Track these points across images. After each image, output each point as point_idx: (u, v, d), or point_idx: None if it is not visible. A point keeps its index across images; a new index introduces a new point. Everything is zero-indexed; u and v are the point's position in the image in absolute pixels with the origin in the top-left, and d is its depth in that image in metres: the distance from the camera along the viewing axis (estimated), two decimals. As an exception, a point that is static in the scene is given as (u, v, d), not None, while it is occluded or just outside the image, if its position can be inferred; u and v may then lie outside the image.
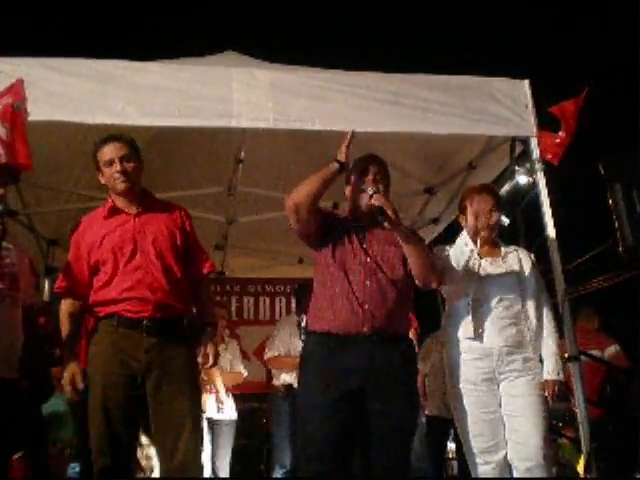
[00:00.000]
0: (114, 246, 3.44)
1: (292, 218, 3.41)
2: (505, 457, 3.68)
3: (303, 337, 3.70)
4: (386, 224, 3.40)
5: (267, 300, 8.01)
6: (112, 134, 3.58)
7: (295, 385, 4.85)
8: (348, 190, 3.63)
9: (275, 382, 5.92)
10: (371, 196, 3.42)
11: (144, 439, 5.04)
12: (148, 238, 3.49)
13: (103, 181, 3.60)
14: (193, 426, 3.36)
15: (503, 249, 3.98)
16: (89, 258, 3.46)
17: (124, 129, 4.12)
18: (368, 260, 3.44)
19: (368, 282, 3.38)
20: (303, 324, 5.62)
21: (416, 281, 3.51)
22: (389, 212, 3.35)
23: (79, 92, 4.03)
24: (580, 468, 5.00)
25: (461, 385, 3.78)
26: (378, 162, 3.63)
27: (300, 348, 3.88)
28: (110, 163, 3.50)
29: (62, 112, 4.01)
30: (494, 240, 4.00)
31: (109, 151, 3.51)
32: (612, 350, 5.78)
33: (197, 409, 3.53)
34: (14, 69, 3.95)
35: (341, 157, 3.38)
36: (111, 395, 3.29)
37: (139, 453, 5.11)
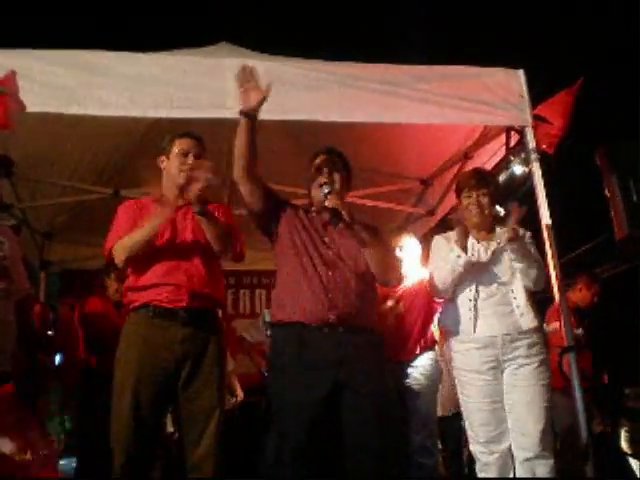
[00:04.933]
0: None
1: (241, 191, 3.41)
2: (509, 447, 3.70)
3: (269, 332, 3.67)
4: (340, 225, 3.40)
5: (263, 292, 7.99)
6: (191, 132, 3.69)
7: None
8: (310, 184, 3.60)
9: None
10: (325, 196, 3.40)
11: None
12: (188, 227, 3.57)
13: (163, 166, 3.68)
14: (218, 419, 3.40)
15: (498, 231, 3.95)
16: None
17: (117, 120, 4.12)
18: (330, 253, 3.41)
19: (331, 273, 3.35)
20: (267, 319, 5.59)
21: (376, 279, 3.49)
22: (343, 214, 3.34)
23: (72, 83, 4.00)
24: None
25: (466, 374, 3.80)
26: (331, 154, 3.60)
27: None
28: (184, 154, 3.60)
29: (55, 104, 3.98)
30: (491, 224, 3.98)
31: (188, 143, 3.63)
32: (553, 326, 5.72)
33: (223, 401, 3.56)
34: (6, 61, 3.91)
35: (242, 107, 3.26)
36: (143, 390, 3.31)
37: None
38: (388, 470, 3.21)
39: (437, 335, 5.01)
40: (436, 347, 5.03)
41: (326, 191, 3.41)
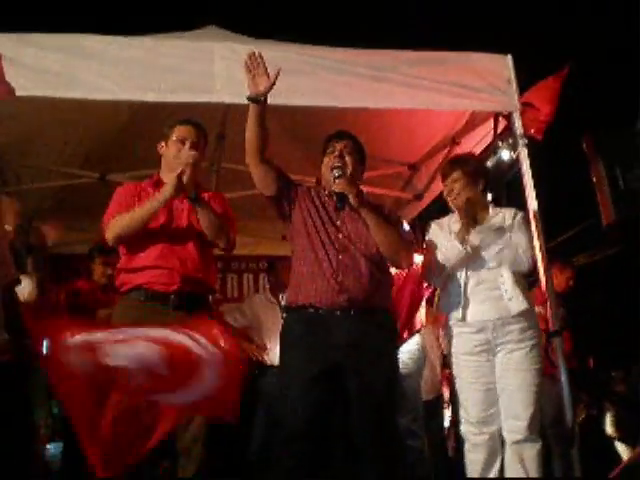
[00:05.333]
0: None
1: (254, 176, 3.47)
2: (499, 430, 3.74)
3: (284, 315, 3.73)
4: (347, 209, 3.44)
5: (251, 277, 7.99)
6: (192, 119, 3.74)
7: None
8: (322, 168, 3.64)
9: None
10: (334, 180, 3.43)
11: None
12: (184, 213, 3.62)
13: (162, 152, 3.73)
14: None
15: (491, 211, 3.96)
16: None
17: (104, 104, 4.10)
18: (340, 236, 3.45)
19: (341, 256, 3.39)
20: (283, 302, 5.62)
21: (387, 261, 3.53)
22: (350, 198, 3.37)
23: (58, 67, 3.98)
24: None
25: (460, 357, 3.83)
26: (346, 137, 3.62)
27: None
28: (182, 141, 3.64)
29: (43, 88, 3.97)
30: (483, 205, 3.99)
31: (186, 131, 3.67)
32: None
33: None
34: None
35: (250, 92, 3.32)
36: None
37: None
38: (386, 453, 3.30)
39: (423, 320, 5.04)
40: (421, 331, 5.06)
41: (336, 175, 3.45)
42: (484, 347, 3.76)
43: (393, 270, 3.78)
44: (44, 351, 3.28)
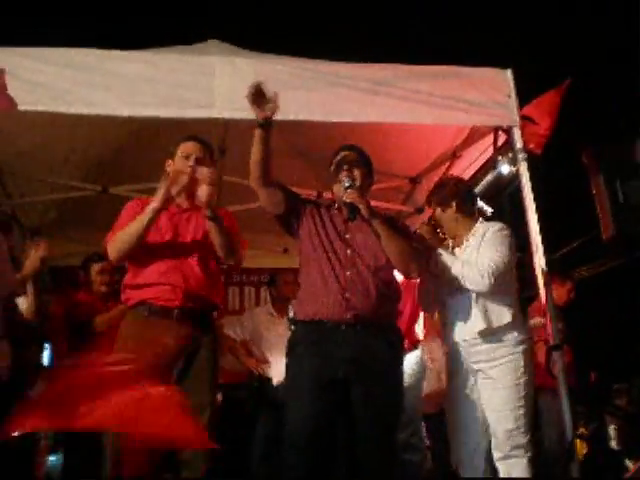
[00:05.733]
0: (157, 231, 3.61)
1: (260, 197, 3.50)
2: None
3: (292, 327, 3.76)
4: (358, 220, 3.46)
5: (252, 290, 8.01)
6: (198, 136, 3.83)
7: None
8: (331, 181, 3.67)
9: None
10: (345, 191, 3.46)
11: None
12: (189, 230, 3.69)
13: (169, 170, 3.77)
14: (209, 417, 3.48)
15: (475, 229, 3.99)
16: None
17: (106, 117, 4.12)
18: (348, 251, 3.47)
19: (348, 272, 3.41)
20: (291, 314, 5.63)
21: (397, 271, 3.55)
22: (362, 208, 3.40)
23: (60, 82, 4.00)
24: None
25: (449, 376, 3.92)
26: (356, 151, 3.65)
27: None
28: (187, 157, 3.72)
29: (43, 102, 3.99)
30: (462, 225, 4.02)
31: (191, 147, 3.75)
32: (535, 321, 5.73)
33: (214, 400, 3.69)
34: (-6, 59, 3.91)
35: (258, 117, 3.37)
36: None
37: None
38: (384, 468, 3.33)
39: (421, 332, 5.05)
40: (420, 345, 5.07)
41: (346, 185, 3.48)
42: (464, 367, 3.82)
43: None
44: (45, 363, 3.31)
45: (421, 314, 5.12)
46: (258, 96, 3.32)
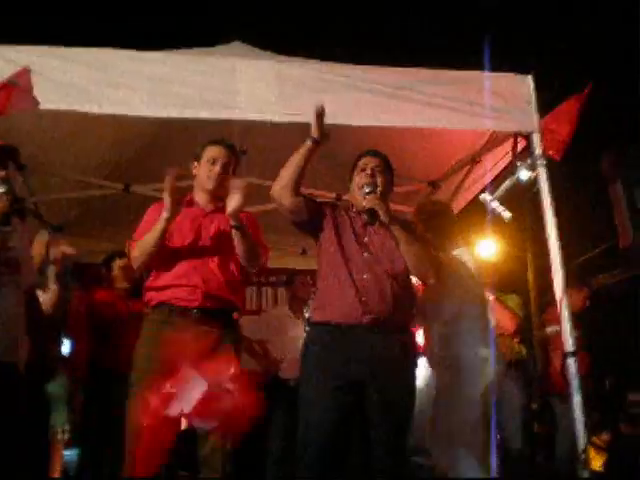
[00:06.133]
0: (179, 234, 3.66)
1: (281, 205, 3.52)
2: None
3: (307, 328, 3.78)
4: (377, 225, 3.49)
5: (270, 290, 8.05)
6: (224, 140, 3.87)
7: None
8: (351, 185, 3.69)
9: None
10: (364, 197, 3.49)
11: None
12: (211, 233, 3.71)
13: (195, 172, 3.85)
14: None
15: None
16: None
17: (129, 118, 4.17)
18: (365, 254, 3.49)
19: (366, 276, 3.43)
20: (307, 315, 5.66)
21: (414, 276, 3.57)
22: (380, 214, 3.42)
23: (85, 81, 4.04)
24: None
25: None
26: (378, 157, 3.67)
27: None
28: (213, 162, 3.76)
29: (69, 102, 4.03)
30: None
31: (217, 152, 3.78)
32: (551, 329, 5.71)
33: None
34: (21, 57, 3.96)
35: (314, 133, 3.42)
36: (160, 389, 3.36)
37: None
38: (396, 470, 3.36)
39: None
40: None
41: (366, 191, 3.51)
42: None
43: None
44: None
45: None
46: (321, 115, 3.39)
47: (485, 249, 6.66)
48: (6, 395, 3.34)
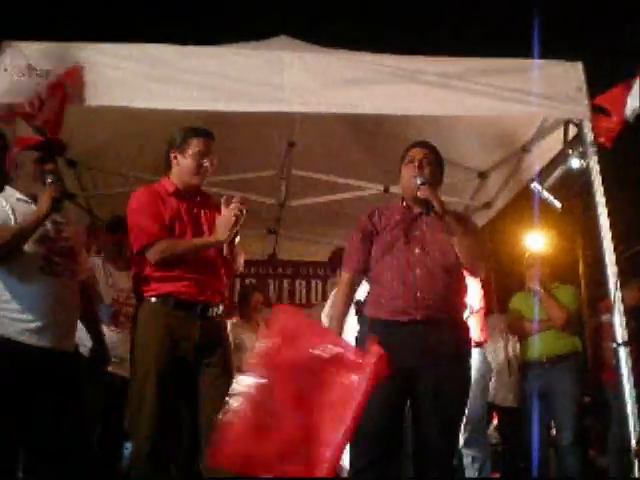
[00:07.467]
0: (180, 226, 3.60)
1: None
2: None
3: (360, 323, 3.77)
4: (431, 216, 3.46)
5: (319, 283, 8.04)
6: (206, 129, 3.69)
7: None
8: (401, 177, 3.67)
9: None
10: (418, 187, 3.45)
11: None
12: (205, 224, 3.68)
13: (175, 162, 3.71)
14: None
15: None
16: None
17: (177, 112, 4.20)
18: (417, 250, 3.46)
19: (418, 270, 3.40)
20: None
21: (464, 269, 3.54)
22: (435, 205, 3.40)
23: (134, 77, 4.10)
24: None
25: None
26: (427, 148, 3.64)
27: None
28: (201, 156, 3.63)
29: (118, 97, 4.10)
30: None
31: (204, 145, 3.63)
32: (603, 318, 5.58)
33: None
34: (72, 54, 4.03)
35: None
36: (166, 380, 3.38)
37: None
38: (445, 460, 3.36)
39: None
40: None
41: (419, 182, 3.47)
42: None
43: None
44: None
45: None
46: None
47: (535, 240, 6.56)
48: (70, 384, 3.42)
